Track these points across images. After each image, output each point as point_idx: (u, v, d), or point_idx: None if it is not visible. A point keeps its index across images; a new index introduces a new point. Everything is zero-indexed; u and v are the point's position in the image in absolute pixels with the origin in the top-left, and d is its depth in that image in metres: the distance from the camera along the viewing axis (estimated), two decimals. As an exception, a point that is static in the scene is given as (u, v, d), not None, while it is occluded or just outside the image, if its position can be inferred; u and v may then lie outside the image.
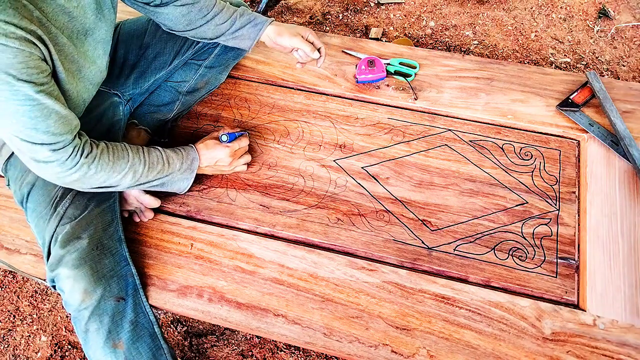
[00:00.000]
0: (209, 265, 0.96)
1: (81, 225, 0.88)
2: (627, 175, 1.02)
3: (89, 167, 0.80)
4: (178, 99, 1.12)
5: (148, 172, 0.88)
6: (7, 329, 1.36)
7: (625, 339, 0.85)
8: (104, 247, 0.88)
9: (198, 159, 0.96)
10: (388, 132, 1.12)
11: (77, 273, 0.83)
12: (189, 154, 0.95)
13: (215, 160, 0.98)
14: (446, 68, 1.21)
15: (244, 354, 1.28)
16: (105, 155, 0.82)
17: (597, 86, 1.11)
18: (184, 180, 0.96)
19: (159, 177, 0.91)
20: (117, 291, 0.86)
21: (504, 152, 1.08)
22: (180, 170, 0.94)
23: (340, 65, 1.23)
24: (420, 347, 0.86)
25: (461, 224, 0.99)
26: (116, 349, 0.83)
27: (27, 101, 0.70)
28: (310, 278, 0.93)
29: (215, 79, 1.17)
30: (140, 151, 0.88)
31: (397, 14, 1.94)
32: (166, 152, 0.92)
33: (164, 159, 0.91)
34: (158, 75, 1.09)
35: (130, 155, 0.86)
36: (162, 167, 0.90)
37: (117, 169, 0.84)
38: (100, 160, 0.81)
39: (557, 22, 1.87)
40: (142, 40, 1.07)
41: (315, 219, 1.00)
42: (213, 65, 1.15)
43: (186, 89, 1.13)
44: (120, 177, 0.85)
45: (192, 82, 1.13)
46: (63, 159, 0.77)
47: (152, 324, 0.88)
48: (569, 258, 0.94)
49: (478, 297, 0.90)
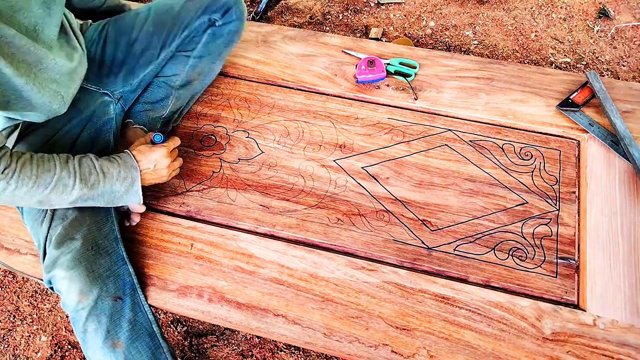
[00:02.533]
0: (209, 265, 0.96)
1: (74, 225, 0.87)
2: (627, 175, 1.02)
3: (8, 183, 0.74)
4: (171, 93, 1.10)
5: (81, 184, 0.81)
6: (7, 329, 1.36)
7: (625, 339, 0.85)
8: (99, 247, 0.88)
9: (136, 166, 0.89)
10: (388, 132, 1.12)
11: (72, 274, 0.83)
12: (125, 161, 0.88)
13: (154, 163, 0.92)
14: (446, 68, 1.21)
15: (244, 354, 1.27)
16: (28, 169, 0.76)
17: (597, 86, 1.11)
18: (129, 192, 0.89)
19: (96, 190, 0.84)
20: (114, 291, 0.86)
21: (504, 152, 1.08)
22: (119, 179, 0.86)
23: (340, 65, 1.23)
24: (420, 347, 0.86)
25: (461, 224, 0.99)
26: (115, 348, 0.83)
27: None
28: (310, 278, 0.93)
29: (208, 69, 1.13)
30: (70, 162, 0.82)
31: (397, 14, 1.94)
32: (99, 160, 0.86)
33: (97, 168, 0.84)
34: (147, 70, 1.06)
35: (57, 167, 0.79)
36: (97, 177, 0.83)
37: (41, 183, 0.77)
38: (20, 174, 0.75)
39: (557, 22, 1.87)
40: (130, 36, 1.04)
41: (315, 219, 1.00)
42: (202, 55, 1.09)
43: (178, 82, 1.10)
44: (47, 192, 0.78)
45: (183, 74, 1.09)
46: None
47: (150, 323, 0.88)
48: (569, 258, 0.94)
49: (478, 297, 0.90)
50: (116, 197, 0.88)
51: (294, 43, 1.28)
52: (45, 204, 0.81)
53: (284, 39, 1.28)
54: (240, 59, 1.25)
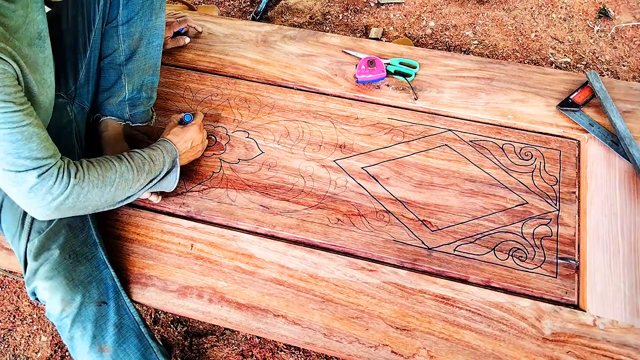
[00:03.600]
0: (209, 265, 0.95)
1: (49, 236, 0.86)
2: (627, 175, 1.02)
3: (82, 187, 0.76)
4: (121, 72, 1.02)
5: (138, 176, 0.85)
6: (7, 329, 1.36)
7: (625, 339, 0.85)
8: (77, 254, 0.87)
9: (175, 148, 0.94)
10: (388, 132, 1.12)
11: (52, 284, 0.83)
12: (165, 147, 0.93)
13: (190, 141, 0.98)
14: (446, 68, 1.21)
15: (244, 354, 1.28)
16: (94, 170, 0.78)
17: (597, 86, 1.11)
18: (172, 174, 0.94)
19: (149, 178, 0.88)
20: (97, 296, 0.85)
21: (504, 152, 1.08)
22: (165, 163, 0.91)
23: (340, 65, 1.23)
24: (420, 347, 0.86)
25: (461, 224, 0.99)
26: (103, 353, 0.82)
27: (6, 124, 0.66)
28: (310, 278, 0.93)
29: (145, 28, 1.00)
30: (123, 158, 0.85)
31: (397, 14, 1.94)
32: (145, 151, 0.89)
33: (146, 158, 0.88)
34: (85, 58, 0.99)
35: (116, 164, 0.82)
36: (150, 166, 0.88)
37: (107, 181, 0.80)
38: (89, 176, 0.77)
39: (557, 22, 1.87)
40: (59, 31, 0.96)
41: (315, 219, 1.00)
42: (129, 18, 0.98)
43: (123, 57, 1.01)
44: (113, 190, 0.81)
45: (122, 47, 1.00)
46: (50, 184, 0.72)
47: (137, 324, 0.87)
48: (569, 258, 0.94)
49: (478, 297, 0.90)
50: (165, 181, 0.93)
51: (294, 43, 1.27)
52: (110, 202, 0.83)
53: (284, 39, 1.28)
54: (240, 59, 1.25)
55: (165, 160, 0.91)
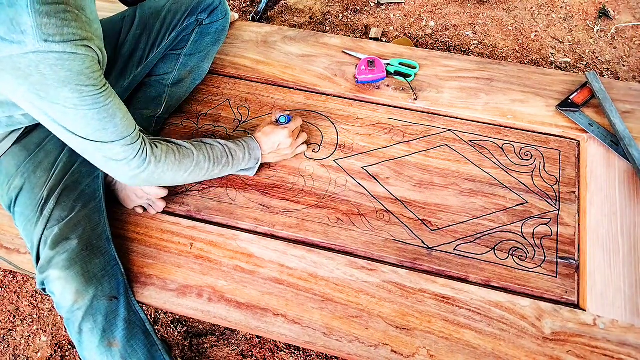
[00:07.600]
0: (208, 265, 0.96)
1: (69, 226, 0.87)
2: (627, 175, 1.02)
3: (157, 167, 0.83)
4: (164, 92, 1.13)
5: (213, 167, 0.92)
6: (7, 329, 1.36)
7: (626, 338, 0.85)
8: (94, 247, 0.88)
9: (259, 148, 0.99)
10: (388, 132, 1.12)
11: (68, 274, 0.83)
12: (249, 145, 0.98)
13: (277, 144, 1.01)
14: (446, 68, 1.21)
15: (244, 354, 1.27)
16: (172, 155, 0.86)
17: (597, 86, 1.11)
18: (249, 170, 1.02)
19: (225, 172, 0.96)
20: (109, 290, 0.86)
21: (504, 152, 1.08)
22: (244, 161, 0.98)
23: (340, 65, 1.23)
24: (420, 346, 0.86)
25: (461, 224, 0.99)
26: (111, 347, 0.83)
27: (94, 105, 0.72)
28: (310, 278, 0.93)
29: (198, 67, 1.17)
30: (203, 148, 0.91)
31: (397, 14, 1.94)
32: (228, 145, 0.95)
33: (227, 152, 0.94)
34: (136, 71, 1.09)
35: (194, 153, 0.89)
36: (227, 160, 0.94)
37: (182, 167, 0.87)
38: (166, 159, 0.85)
39: (557, 22, 1.87)
40: (118, 39, 1.06)
41: (315, 218, 1.00)
42: (192, 53, 1.14)
43: (171, 80, 1.13)
44: (186, 175, 0.89)
45: (175, 72, 1.14)
46: (130, 157, 0.80)
47: (143, 322, 0.88)
48: (569, 258, 0.94)
49: (478, 296, 0.90)
50: (241, 173, 1.02)
51: (294, 43, 1.28)
52: (181, 182, 0.91)
53: (284, 39, 1.28)
54: (240, 59, 1.25)
55: (245, 157, 0.97)
